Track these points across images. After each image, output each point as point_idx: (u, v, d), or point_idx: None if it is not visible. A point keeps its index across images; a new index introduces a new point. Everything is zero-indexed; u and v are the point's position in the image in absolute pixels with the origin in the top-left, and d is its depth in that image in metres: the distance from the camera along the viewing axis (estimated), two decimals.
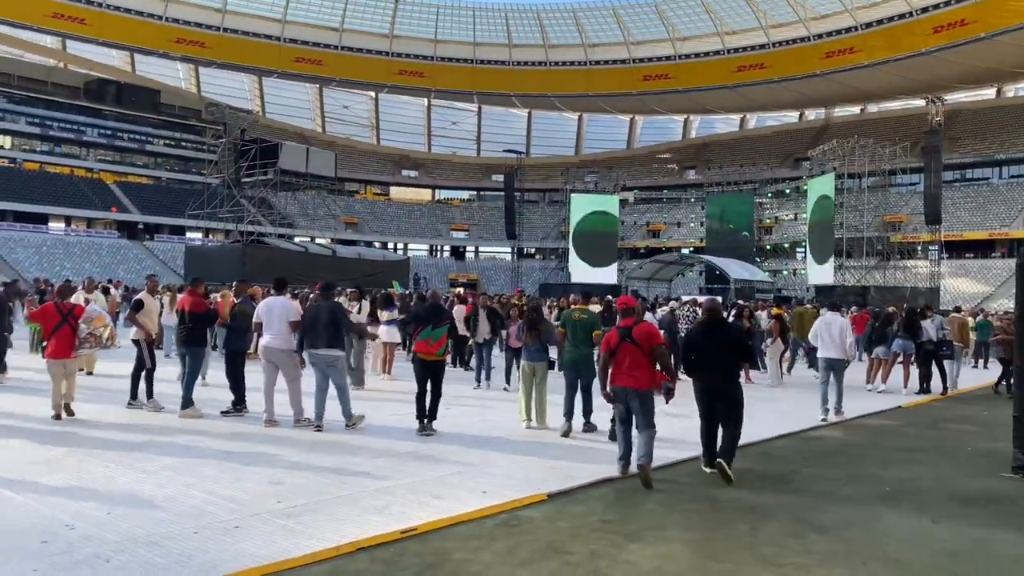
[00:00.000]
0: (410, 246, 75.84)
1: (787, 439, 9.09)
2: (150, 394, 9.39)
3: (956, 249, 58.44)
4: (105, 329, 9.36)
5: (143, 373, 9.37)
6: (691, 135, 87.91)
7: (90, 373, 12.17)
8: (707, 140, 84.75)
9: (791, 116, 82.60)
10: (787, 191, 61.45)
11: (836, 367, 10.63)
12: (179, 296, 11.63)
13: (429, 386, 8.47)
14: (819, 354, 10.89)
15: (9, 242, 53.56)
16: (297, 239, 48.47)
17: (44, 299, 15.20)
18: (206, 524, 5.00)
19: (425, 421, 8.44)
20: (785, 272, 60.19)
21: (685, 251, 64.00)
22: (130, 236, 61.82)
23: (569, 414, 8.73)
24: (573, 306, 10.26)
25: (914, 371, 14.00)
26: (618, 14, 72.13)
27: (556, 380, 9.23)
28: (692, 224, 69.51)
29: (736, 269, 53.15)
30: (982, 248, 59.11)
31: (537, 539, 4.94)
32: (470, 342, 13.67)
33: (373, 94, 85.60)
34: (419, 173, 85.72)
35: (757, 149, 76.96)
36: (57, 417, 8.58)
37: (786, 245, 62.48)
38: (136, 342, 9.44)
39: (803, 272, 55.94)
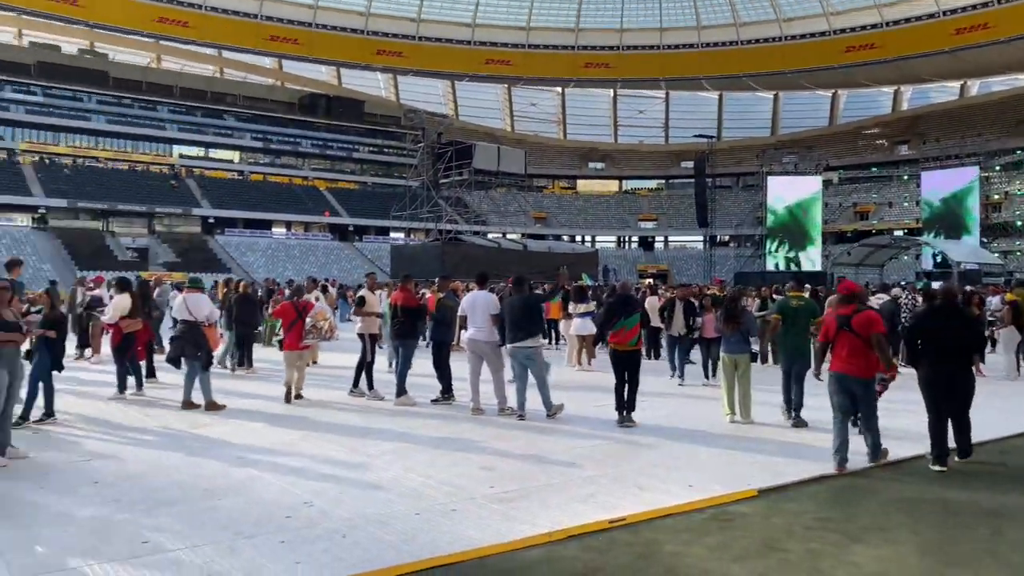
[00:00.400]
0: (598, 238, 75.98)
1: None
2: (371, 385, 10.15)
3: None
4: (325, 323, 10.30)
5: (364, 365, 10.16)
6: (902, 107, 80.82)
7: (314, 363, 13.33)
8: (921, 111, 77.51)
9: (1022, 79, 73.60)
10: (1020, 162, 54.96)
11: None
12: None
13: (626, 377, 8.50)
14: None
15: (241, 246, 59.82)
16: (490, 235, 50.20)
17: (271, 298, 16.90)
18: (426, 506, 5.33)
19: (624, 412, 8.46)
20: (1019, 253, 53.93)
21: (898, 233, 59.08)
22: (341, 238, 66.95)
23: (788, 403, 8.62)
24: (787, 293, 9.83)
25: None
26: None
27: (758, 373, 8.95)
28: (905, 204, 64.07)
29: (960, 252, 48.32)
30: None
31: (750, 535, 4.81)
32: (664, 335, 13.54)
33: (560, 89, 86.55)
34: (606, 164, 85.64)
35: (980, 118, 69.29)
36: (288, 401, 9.58)
37: (1018, 223, 55.93)
38: (361, 336, 10.25)
39: None
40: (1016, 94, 71.36)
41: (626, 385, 8.47)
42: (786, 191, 61.62)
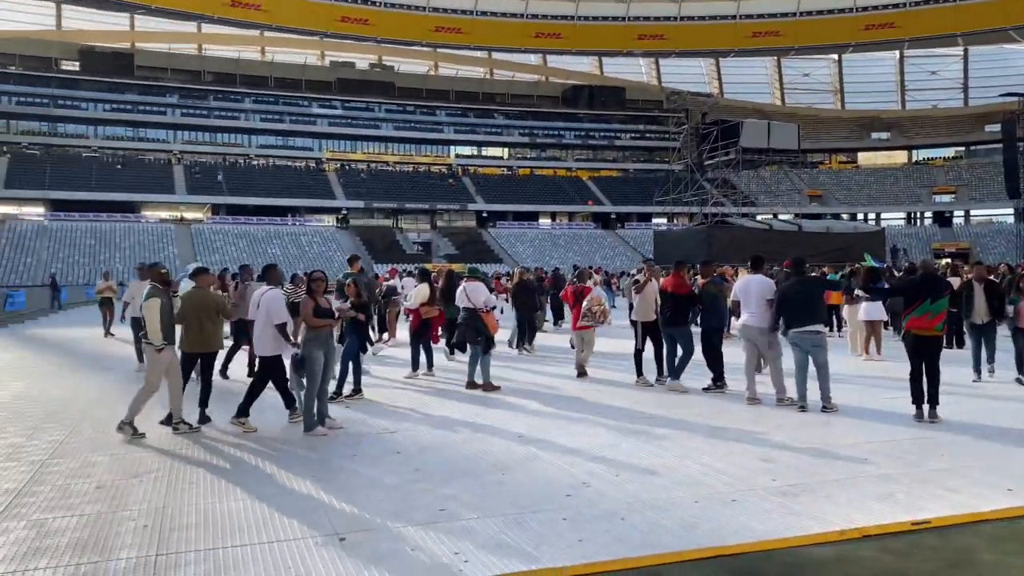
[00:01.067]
0: (883, 215, 69.44)
1: None
2: (661, 371, 10.19)
3: None
4: (599, 308, 10.51)
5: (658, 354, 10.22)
6: None
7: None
8: None
9: None
10: None
11: None
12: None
13: (925, 367, 7.66)
14: None
15: (511, 238, 63.06)
16: (759, 217, 47.92)
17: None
18: (704, 495, 5.22)
19: (927, 406, 7.63)
20: None
21: None
22: (604, 226, 67.97)
23: None
24: None
25: None
26: None
27: None
28: None
29: None
30: None
31: None
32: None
33: (836, 56, 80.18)
34: (891, 134, 77.92)
35: None
36: (581, 375, 10.12)
37: None
38: (634, 324, 10.35)
39: None
40: None
41: (924, 376, 7.64)
42: None
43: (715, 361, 9.62)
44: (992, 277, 11.42)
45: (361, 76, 75.83)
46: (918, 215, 71.43)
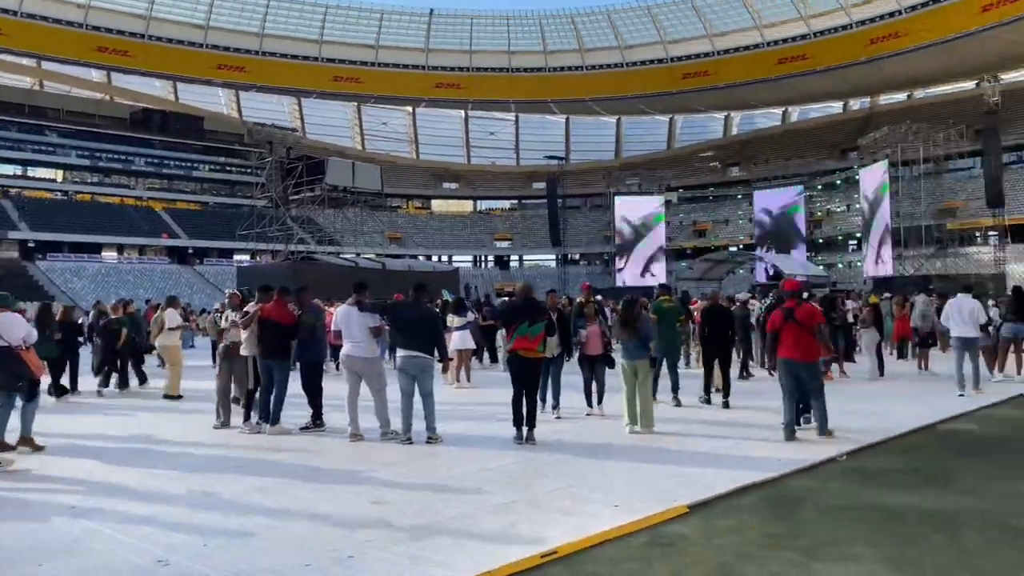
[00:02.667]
0: (454, 258, 75.67)
1: (920, 433, 8.27)
2: (247, 416, 8.98)
3: (1019, 233, 56.11)
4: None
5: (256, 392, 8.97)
6: (732, 132, 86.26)
7: (179, 397, 11.89)
8: (750, 136, 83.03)
9: (835, 107, 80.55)
10: (837, 182, 59.86)
11: (970, 345, 11.25)
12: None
13: (525, 391, 7.87)
14: (953, 334, 11.44)
15: (66, 272, 54.57)
16: (345, 255, 48.53)
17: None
18: (316, 554, 4.45)
19: (525, 429, 7.85)
20: (840, 265, 58.53)
21: (732, 249, 62.61)
22: (180, 261, 62.65)
23: (675, 389, 10.31)
24: (659, 298, 10.94)
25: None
26: (653, 13, 71.37)
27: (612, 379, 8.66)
28: (740, 221, 68.12)
29: (789, 265, 51.78)
30: None
31: (702, 561, 4.27)
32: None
33: (411, 109, 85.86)
34: (459, 185, 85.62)
35: (801, 142, 75.13)
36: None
37: (839, 238, 60.83)
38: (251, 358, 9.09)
39: (859, 264, 54.38)
40: (829, 121, 78.04)
41: (524, 399, 7.86)
42: (631, 211, 63.99)
43: (315, 397, 8.90)
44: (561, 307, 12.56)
45: None
46: (483, 258, 79.33)
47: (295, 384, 8.85)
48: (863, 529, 4.85)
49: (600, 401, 9.70)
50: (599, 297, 14.44)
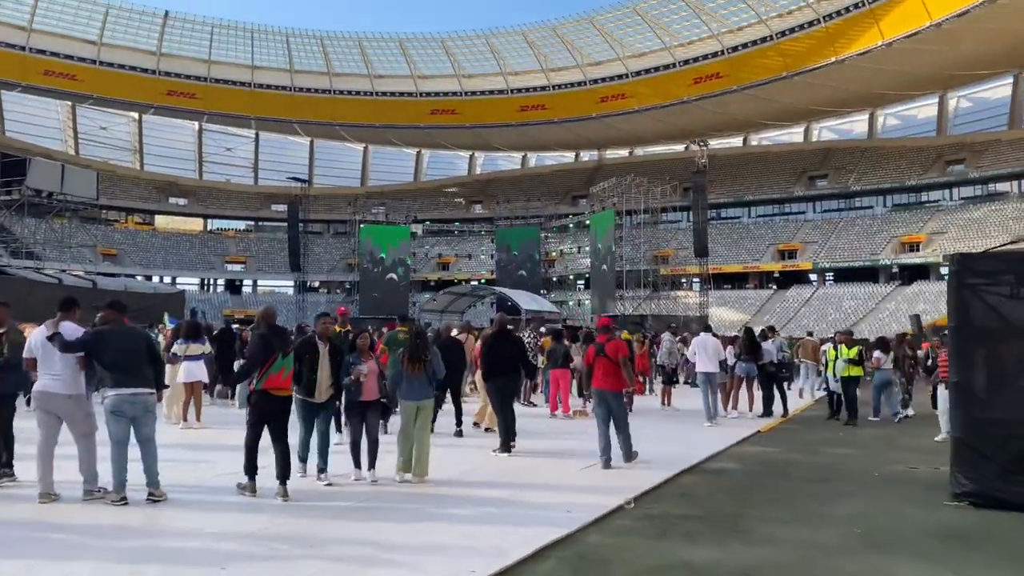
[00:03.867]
0: (179, 279, 69.55)
1: (690, 475, 8.40)
2: None
3: (715, 281, 63.85)
4: None
5: None
6: (476, 171, 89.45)
7: None
8: (492, 176, 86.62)
9: (567, 156, 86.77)
10: (570, 226, 63.98)
11: (713, 380, 12.47)
12: None
13: (274, 433, 6.79)
14: (698, 368, 12.57)
15: None
16: (48, 271, 42.20)
17: None
18: None
19: (277, 483, 6.71)
20: (570, 303, 62.36)
21: (474, 283, 64.28)
22: None
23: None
24: (397, 327, 10.88)
25: (757, 393, 14.29)
26: (404, 47, 71.89)
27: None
28: (482, 257, 70.16)
29: (526, 300, 54.01)
30: (737, 280, 65.06)
31: None
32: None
33: (136, 115, 78.13)
34: (189, 201, 79.28)
35: (538, 186, 79.87)
36: None
37: (571, 277, 64.91)
38: None
39: (586, 303, 58.30)
40: (563, 169, 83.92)
41: (274, 444, 6.76)
42: (378, 240, 63.35)
43: (6, 440, 7.06)
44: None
45: None
46: (211, 281, 73.81)
47: None
48: None
49: (372, 464, 7.55)
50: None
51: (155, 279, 66.79)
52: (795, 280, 62.21)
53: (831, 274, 61.97)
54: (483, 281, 65.04)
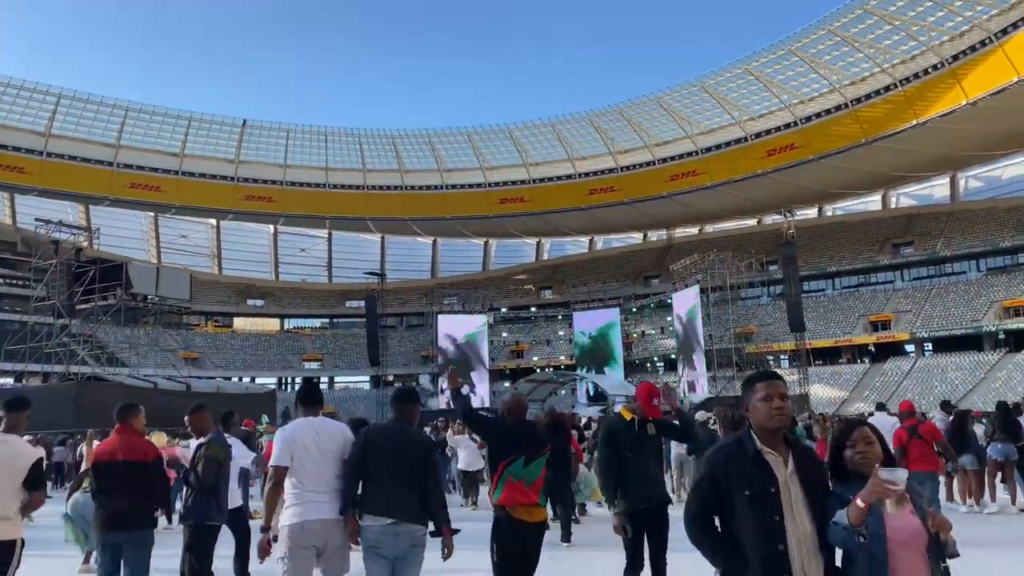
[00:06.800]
0: (258, 379, 69.87)
1: None
2: None
3: (816, 356, 60.55)
4: None
5: None
6: (544, 256, 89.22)
7: None
8: (560, 261, 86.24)
9: (635, 237, 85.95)
10: (651, 305, 62.55)
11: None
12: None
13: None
14: None
15: None
16: (136, 376, 42.53)
17: None
18: None
19: None
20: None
21: (550, 369, 62.89)
22: None
23: None
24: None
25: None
26: (473, 140, 73.04)
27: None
28: (559, 343, 68.95)
29: (608, 384, 52.51)
30: (828, 355, 61.82)
31: None
32: None
33: (215, 221, 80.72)
34: (266, 302, 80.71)
35: (607, 268, 79.03)
36: None
37: (655, 358, 63.04)
38: None
39: (674, 383, 56.16)
40: (631, 250, 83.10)
41: None
42: (455, 329, 62.91)
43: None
44: None
45: None
46: (289, 380, 74.03)
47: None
48: None
49: None
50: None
51: (235, 380, 67.29)
52: (890, 352, 58.91)
53: (929, 344, 58.58)
54: (561, 367, 63.62)
